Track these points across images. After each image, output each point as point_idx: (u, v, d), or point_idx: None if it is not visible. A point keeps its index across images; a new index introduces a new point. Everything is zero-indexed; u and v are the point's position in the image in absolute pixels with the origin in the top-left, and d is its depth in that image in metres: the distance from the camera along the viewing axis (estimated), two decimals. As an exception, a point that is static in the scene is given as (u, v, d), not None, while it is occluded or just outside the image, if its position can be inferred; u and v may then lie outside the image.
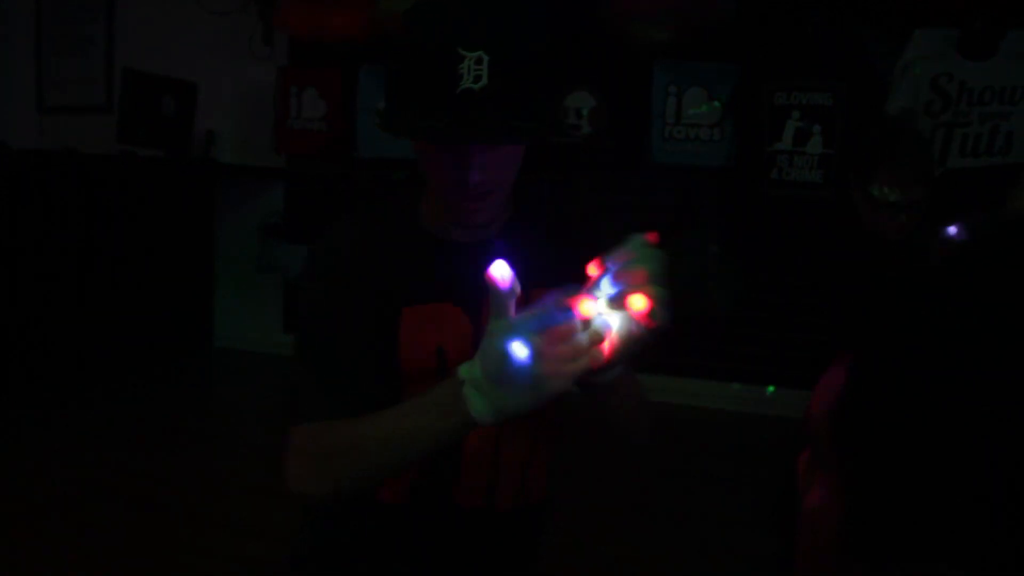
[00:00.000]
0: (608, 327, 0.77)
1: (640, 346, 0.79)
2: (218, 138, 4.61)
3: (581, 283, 0.80)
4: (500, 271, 0.76)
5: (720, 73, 3.72)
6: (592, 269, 0.79)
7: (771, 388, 3.79)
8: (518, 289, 0.78)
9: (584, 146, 3.89)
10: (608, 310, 0.77)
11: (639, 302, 0.75)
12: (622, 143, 3.88)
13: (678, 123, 3.77)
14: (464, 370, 0.81)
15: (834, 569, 0.41)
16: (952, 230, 1.75)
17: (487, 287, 0.78)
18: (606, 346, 0.77)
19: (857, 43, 3.51)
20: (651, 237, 0.78)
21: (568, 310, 0.75)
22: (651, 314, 0.76)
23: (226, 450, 3.19)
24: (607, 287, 0.77)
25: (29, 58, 5.09)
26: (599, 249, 0.89)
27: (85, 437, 3.21)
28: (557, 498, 1.20)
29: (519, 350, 0.75)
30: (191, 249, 4.60)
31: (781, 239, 3.68)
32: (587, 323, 0.76)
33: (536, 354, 0.75)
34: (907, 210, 2.00)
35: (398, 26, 0.94)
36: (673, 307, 0.76)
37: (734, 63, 3.69)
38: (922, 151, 2.10)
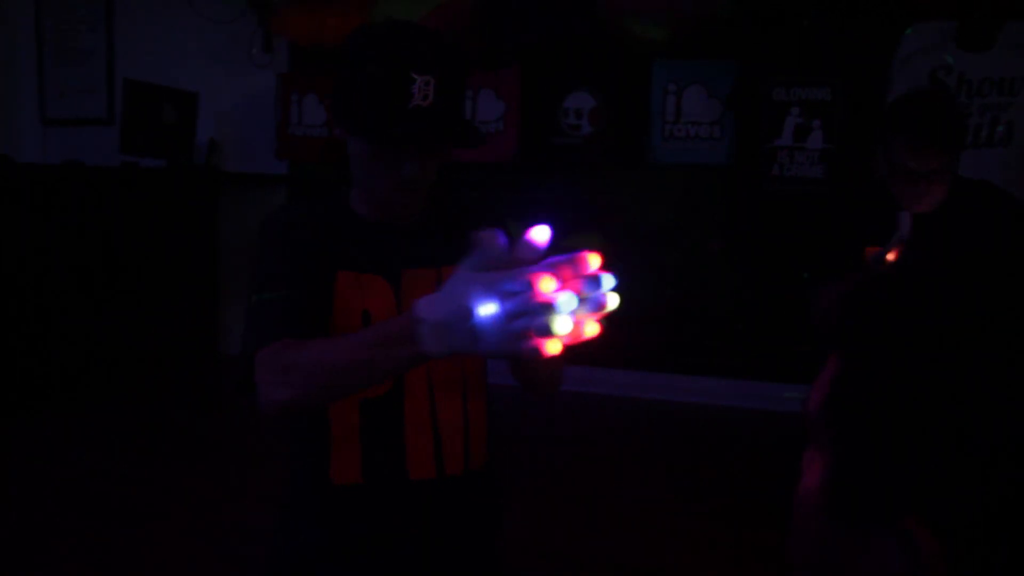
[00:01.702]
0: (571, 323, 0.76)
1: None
2: (220, 146, 4.63)
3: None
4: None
5: (719, 70, 3.72)
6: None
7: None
8: (502, 254, 0.80)
9: (584, 146, 3.90)
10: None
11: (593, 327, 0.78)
12: (622, 142, 3.89)
13: (678, 121, 3.78)
14: (424, 309, 0.84)
15: (822, 539, 0.43)
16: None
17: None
18: (561, 342, 0.78)
19: (855, 37, 3.51)
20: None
21: (529, 287, 0.76)
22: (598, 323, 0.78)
23: (232, 456, 3.20)
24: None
25: (31, 71, 5.11)
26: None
27: (91, 445, 3.23)
28: (565, 496, 1.21)
29: (485, 309, 0.77)
30: (195, 256, 4.62)
31: (783, 235, 3.68)
32: (548, 306, 0.75)
33: (497, 320, 0.77)
34: (927, 178, 1.90)
35: (354, 40, 1.11)
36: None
37: (733, 60, 3.70)
38: (948, 118, 1.94)
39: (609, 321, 0.80)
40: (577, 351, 0.85)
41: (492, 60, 3.96)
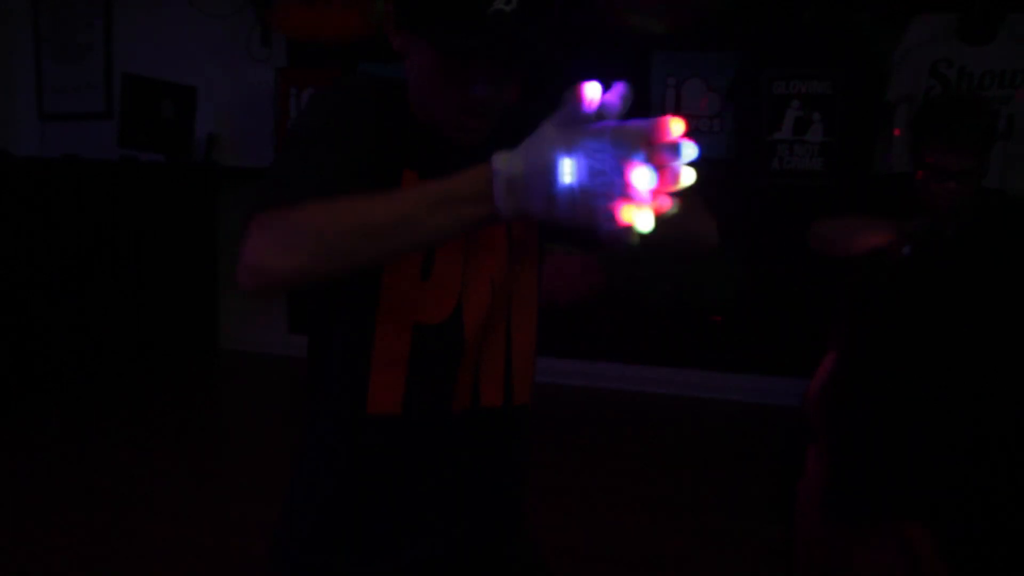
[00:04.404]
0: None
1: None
2: (219, 141, 4.62)
3: None
4: (592, 92, 0.71)
5: (719, 63, 3.71)
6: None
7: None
8: (591, 111, 0.71)
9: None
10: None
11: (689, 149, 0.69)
12: (622, 136, 3.87)
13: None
14: (503, 162, 0.76)
15: (821, 533, 0.43)
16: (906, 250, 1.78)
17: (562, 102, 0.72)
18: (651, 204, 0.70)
19: (855, 30, 3.50)
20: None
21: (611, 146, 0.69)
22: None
23: (231, 451, 3.20)
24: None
25: (28, 66, 5.10)
26: None
27: (90, 441, 3.23)
28: (567, 487, 1.19)
29: (566, 166, 0.71)
30: (194, 252, 4.61)
31: (783, 228, 3.67)
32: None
33: (577, 178, 0.70)
34: (957, 177, 1.92)
35: None
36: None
37: (732, 53, 3.69)
38: (978, 119, 1.97)
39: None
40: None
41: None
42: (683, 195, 0.75)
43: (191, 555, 2.31)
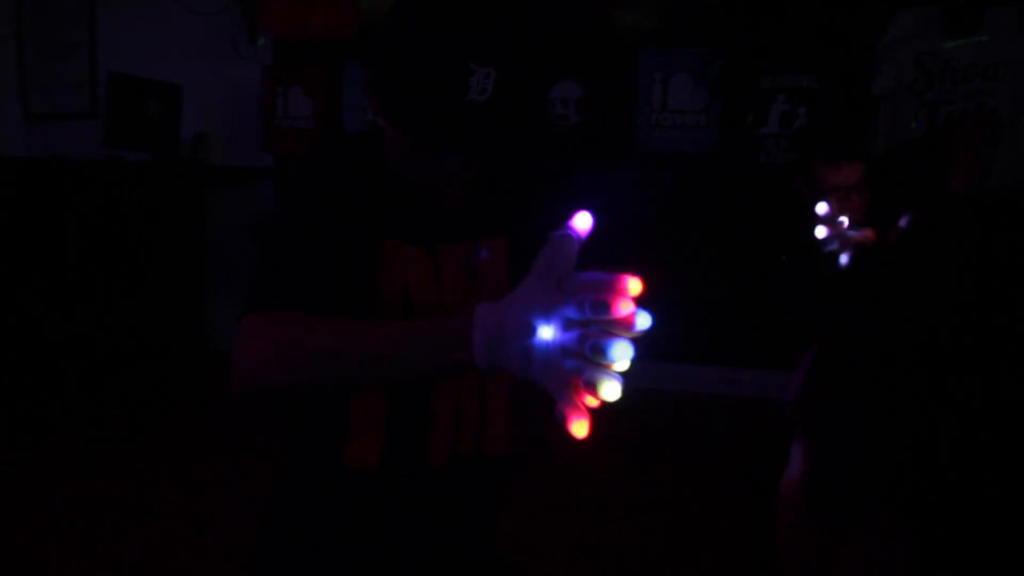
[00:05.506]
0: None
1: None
2: (206, 139, 4.61)
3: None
4: (582, 223, 0.73)
5: (705, 58, 3.72)
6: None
7: None
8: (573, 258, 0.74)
9: (572, 136, 3.89)
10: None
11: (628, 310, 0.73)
12: (610, 132, 3.89)
13: (664, 110, 3.78)
14: (484, 315, 0.78)
15: (802, 527, 0.43)
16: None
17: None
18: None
19: (841, 24, 3.52)
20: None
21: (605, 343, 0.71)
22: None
23: (221, 453, 3.19)
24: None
25: (12, 65, 5.06)
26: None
27: (79, 442, 3.21)
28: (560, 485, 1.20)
29: (544, 332, 0.73)
30: (182, 252, 4.59)
31: (769, 222, 3.69)
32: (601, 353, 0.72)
33: (551, 349, 0.73)
34: (855, 191, 2.14)
35: (401, 16, 0.94)
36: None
37: (719, 48, 3.70)
38: (844, 138, 2.24)
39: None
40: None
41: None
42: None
43: (184, 557, 2.31)
